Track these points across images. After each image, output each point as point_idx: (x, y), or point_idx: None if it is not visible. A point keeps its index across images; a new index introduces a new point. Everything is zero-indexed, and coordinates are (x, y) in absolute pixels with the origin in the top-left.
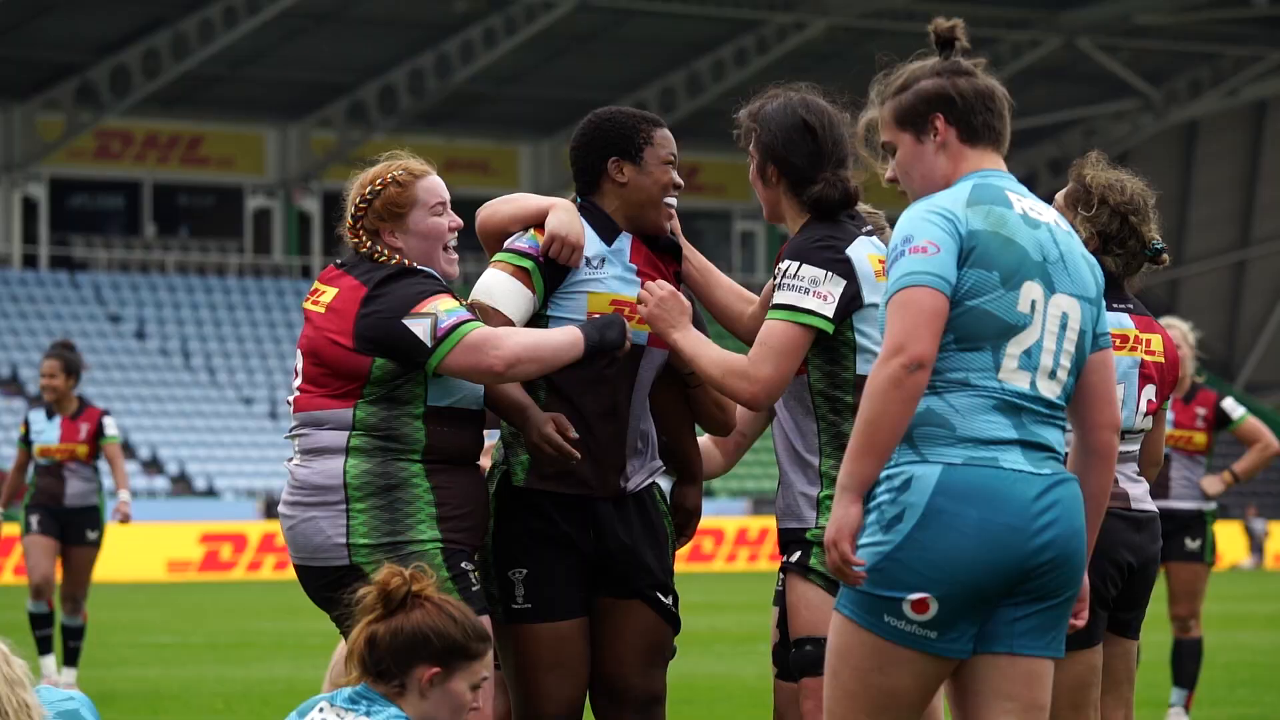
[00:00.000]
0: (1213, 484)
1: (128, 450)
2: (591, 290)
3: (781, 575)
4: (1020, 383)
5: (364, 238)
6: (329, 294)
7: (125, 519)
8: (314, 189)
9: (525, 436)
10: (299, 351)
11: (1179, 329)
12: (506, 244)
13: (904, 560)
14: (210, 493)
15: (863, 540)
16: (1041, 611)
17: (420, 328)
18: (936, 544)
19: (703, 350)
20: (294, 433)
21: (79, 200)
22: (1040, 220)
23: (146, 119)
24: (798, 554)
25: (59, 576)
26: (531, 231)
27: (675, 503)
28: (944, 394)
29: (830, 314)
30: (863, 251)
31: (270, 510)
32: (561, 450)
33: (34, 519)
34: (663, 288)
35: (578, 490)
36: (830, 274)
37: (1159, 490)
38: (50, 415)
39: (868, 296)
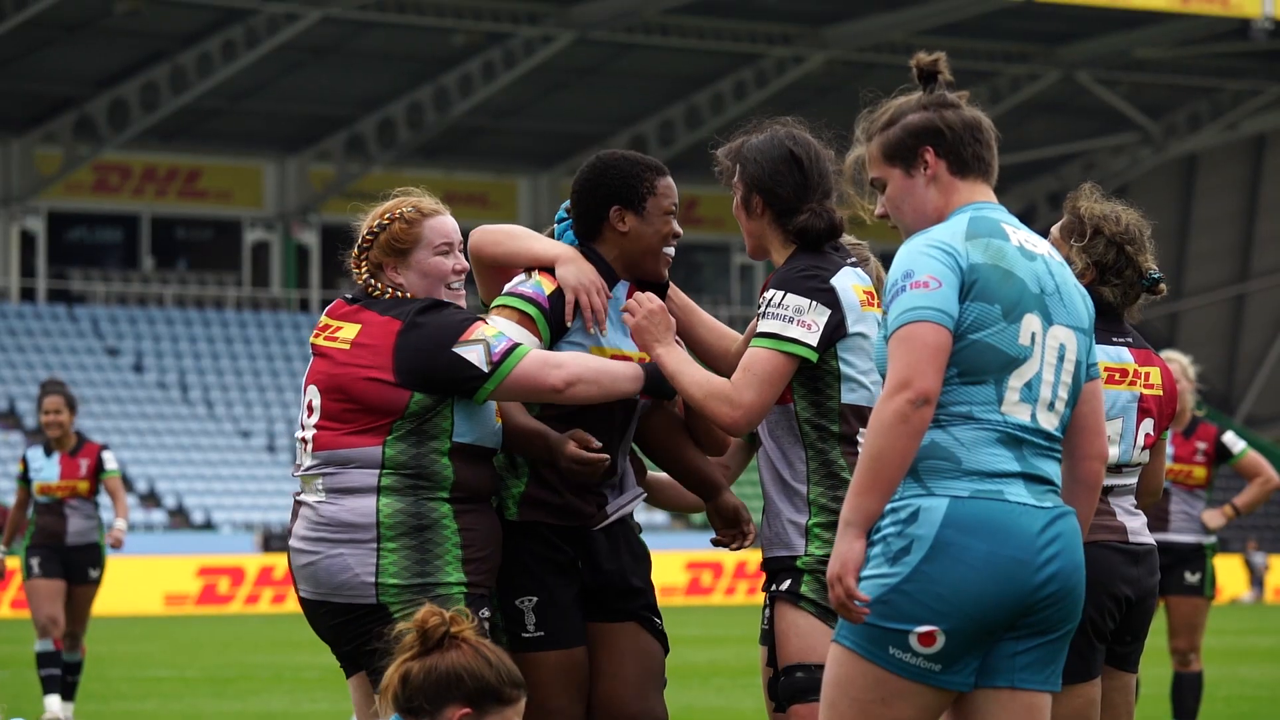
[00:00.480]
0: (1213, 518)
1: (125, 484)
2: (594, 345)
3: (768, 608)
4: (1022, 415)
5: (365, 270)
6: (349, 330)
7: (117, 544)
8: (312, 222)
9: (555, 462)
10: (311, 388)
11: (1178, 363)
12: (510, 288)
13: (911, 593)
14: (208, 526)
15: (867, 572)
16: (1041, 645)
17: (474, 354)
18: (945, 577)
19: (685, 369)
20: (314, 471)
21: (77, 233)
22: (1036, 252)
23: (145, 152)
24: (788, 582)
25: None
26: (537, 276)
27: (719, 515)
28: (948, 427)
29: (814, 343)
30: (847, 282)
31: (268, 544)
32: (592, 464)
33: (35, 561)
34: (652, 300)
35: (568, 521)
36: (814, 303)
37: (1158, 523)
38: (49, 452)
39: (852, 326)
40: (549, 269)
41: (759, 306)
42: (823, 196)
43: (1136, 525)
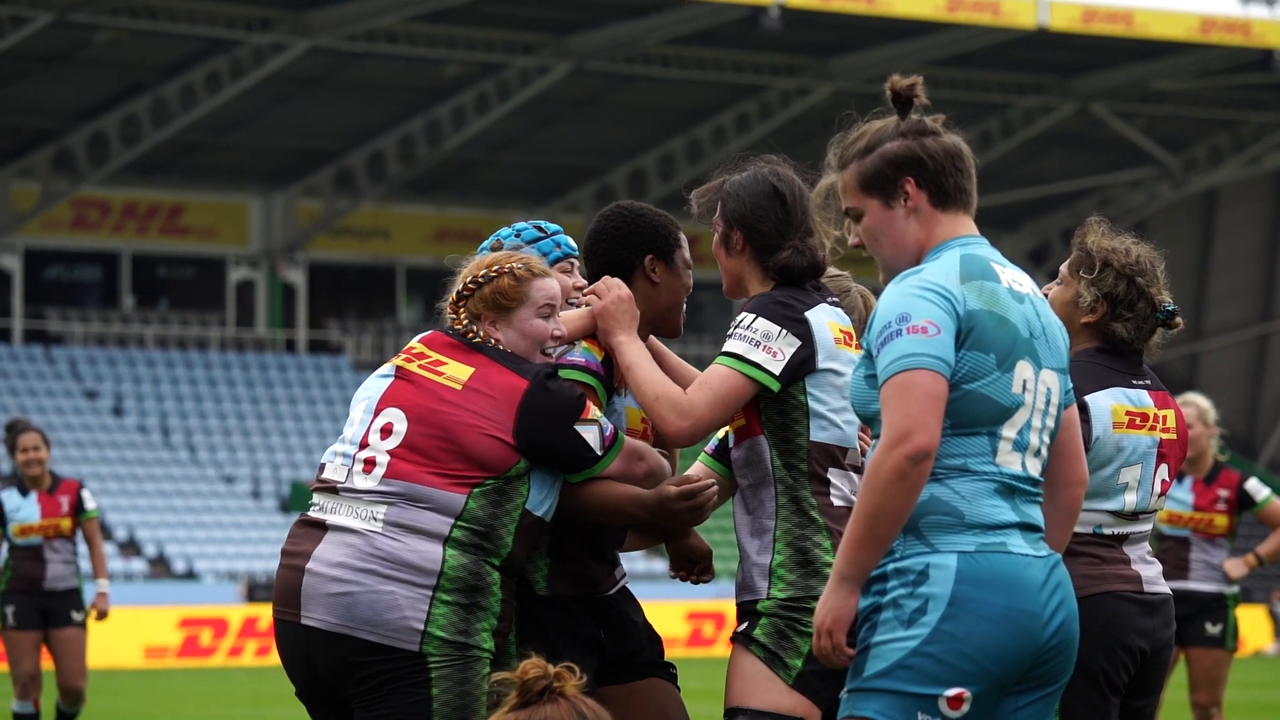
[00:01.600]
0: (1235, 567)
1: (104, 531)
2: (629, 405)
3: None
4: (1014, 465)
5: (462, 317)
6: (459, 369)
7: (103, 615)
8: (299, 260)
9: (664, 517)
10: (393, 411)
11: (1196, 406)
12: (563, 360)
13: (936, 654)
14: (190, 575)
15: (879, 638)
16: (1041, 699)
17: (591, 434)
18: (968, 635)
19: (643, 364)
20: (377, 498)
21: (55, 272)
22: (1023, 292)
23: (125, 188)
24: (745, 624)
25: (46, 665)
26: (583, 344)
27: (684, 555)
28: (945, 480)
29: (777, 372)
30: (823, 318)
31: (253, 594)
32: (703, 497)
33: (10, 610)
34: (621, 287)
35: (590, 590)
36: (785, 332)
37: (1177, 572)
38: (24, 492)
39: (823, 362)
40: (591, 334)
41: (730, 329)
42: (805, 234)
43: (1151, 574)
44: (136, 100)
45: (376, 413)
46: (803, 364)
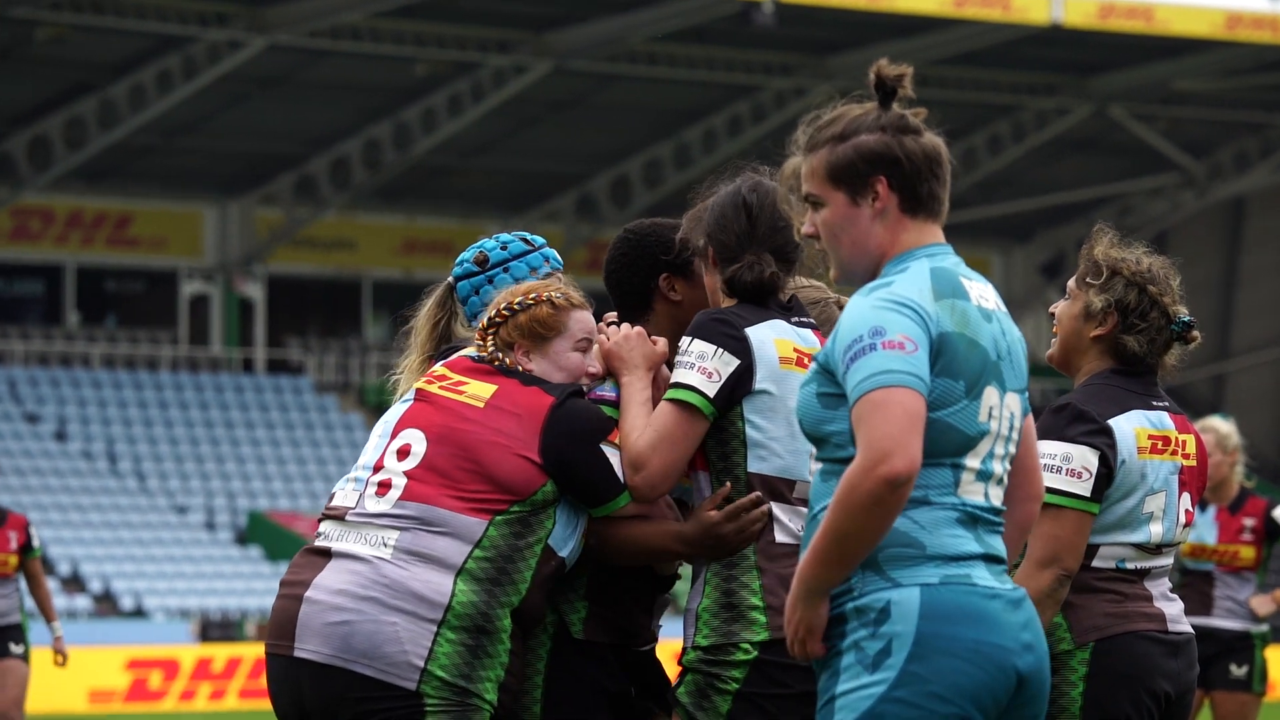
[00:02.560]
0: (1263, 604)
1: (46, 566)
2: None
3: None
4: (977, 496)
5: (490, 343)
6: (482, 388)
7: (64, 660)
8: (258, 273)
9: (717, 537)
10: (412, 432)
11: (1216, 432)
12: (595, 395)
13: (906, 699)
14: (138, 613)
15: (844, 686)
16: None
17: (617, 459)
18: (937, 674)
19: (634, 411)
20: (389, 522)
21: None
22: (990, 310)
23: (69, 195)
24: (676, 680)
25: None
26: (612, 380)
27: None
28: (906, 511)
29: (711, 393)
30: (769, 335)
31: (206, 633)
32: (754, 514)
33: None
34: (625, 329)
35: (631, 642)
36: (720, 350)
37: (1199, 608)
38: None
39: (760, 383)
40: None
41: None
42: (773, 249)
43: (1175, 612)
44: (82, 101)
45: (394, 435)
46: (739, 382)
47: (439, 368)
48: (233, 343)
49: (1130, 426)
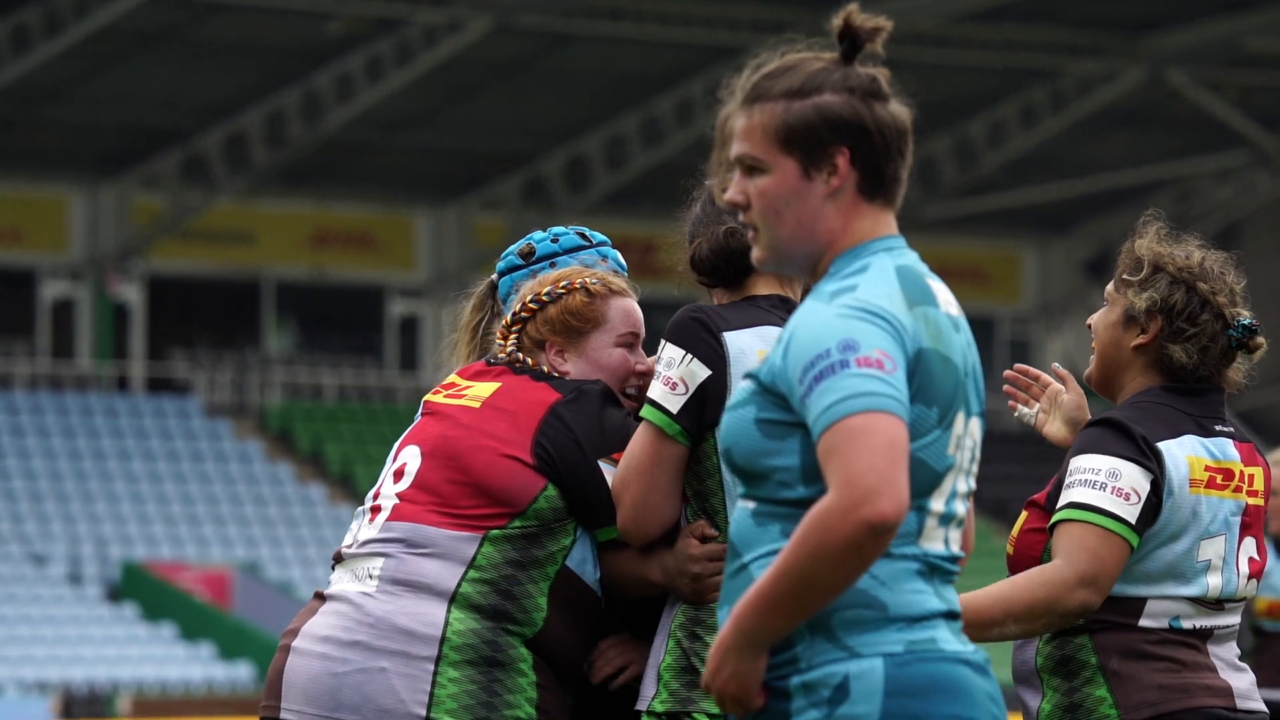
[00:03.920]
0: None
1: None
2: None
3: None
4: (938, 544)
5: (512, 342)
6: (485, 389)
7: None
8: (135, 272)
9: (691, 575)
10: (411, 450)
11: None
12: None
13: None
14: None
15: None
16: None
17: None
18: None
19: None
20: (374, 549)
21: None
22: (956, 317)
23: None
24: None
25: None
26: None
27: None
28: None
29: (673, 408)
30: (754, 343)
31: (70, 709)
32: (714, 561)
33: None
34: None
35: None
36: (689, 356)
37: (1273, 675)
38: None
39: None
40: None
41: None
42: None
43: (1244, 685)
44: None
45: (395, 457)
46: (710, 400)
47: (452, 378)
48: (105, 356)
49: (1183, 453)
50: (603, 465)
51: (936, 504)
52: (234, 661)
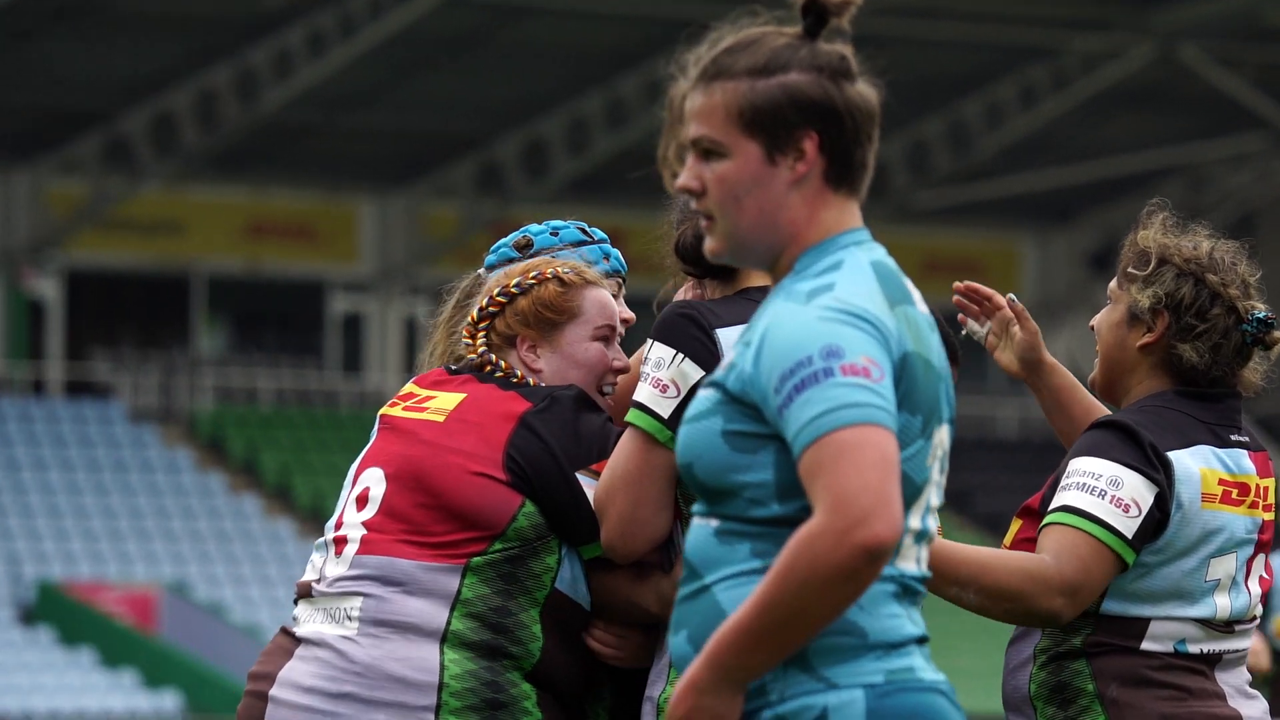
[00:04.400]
0: None
1: None
2: None
3: None
4: (912, 563)
5: (481, 341)
6: (449, 400)
7: None
8: (52, 265)
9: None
10: (372, 472)
11: None
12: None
13: None
14: None
15: None
16: None
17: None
18: None
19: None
20: (348, 588)
21: None
22: (928, 316)
23: None
24: None
25: None
26: None
27: None
28: None
29: (664, 413)
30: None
31: None
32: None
33: None
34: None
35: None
36: (679, 355)
37: None
38: None
39: None
40: None
41: None
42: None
43: (1256, 713)
44: None
45: (354, 480)
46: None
47: (408, 386)
48: (19, 356)
49: (1195, 465)
50: (581, 477)
51: (914, 521)
52: (159, 690)
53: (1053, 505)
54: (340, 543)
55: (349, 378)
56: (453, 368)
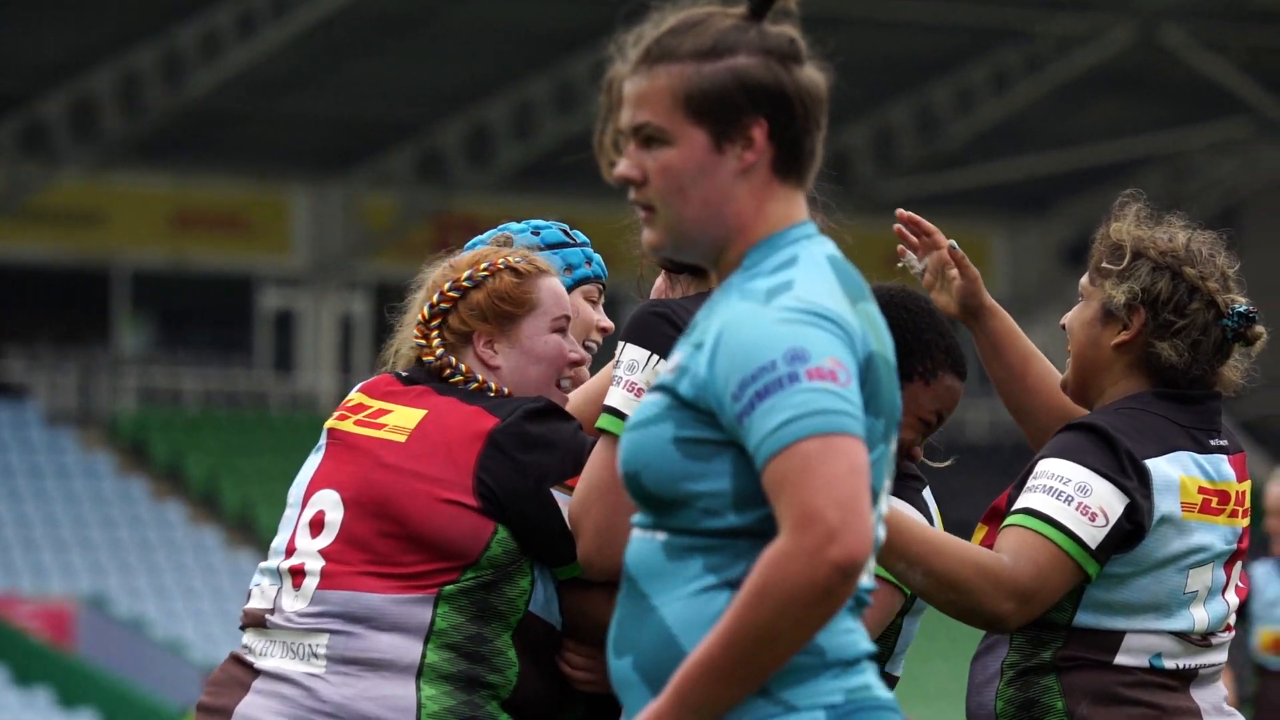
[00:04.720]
0: None
1: None
2: None
3: None
4: (866, 576)
5: (437, 341)
6: (408, 416)
7: None
8: None
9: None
10: (325, 494)
11: None
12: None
13: None
14: None
15: None
16: None
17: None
18: None
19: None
20: (314, 624)
21: None
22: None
23: None
24: None
25: None
26: None
27: None
28: None
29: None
30: None
31: None
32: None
33: None
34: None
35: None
36: (653, 357)
37: (1270, 717)
38: None
39: None
40: None
41: None
42: None
43: None
44: None
45: (304, 502)
46: None
47: (355, 395)
48: None
49: (1175, 473)
50: (557, 494)
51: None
52: (75, 709)
53: (1016, 506)
54: (297, 574)
55: (280, 378)
56: (403, 374)
